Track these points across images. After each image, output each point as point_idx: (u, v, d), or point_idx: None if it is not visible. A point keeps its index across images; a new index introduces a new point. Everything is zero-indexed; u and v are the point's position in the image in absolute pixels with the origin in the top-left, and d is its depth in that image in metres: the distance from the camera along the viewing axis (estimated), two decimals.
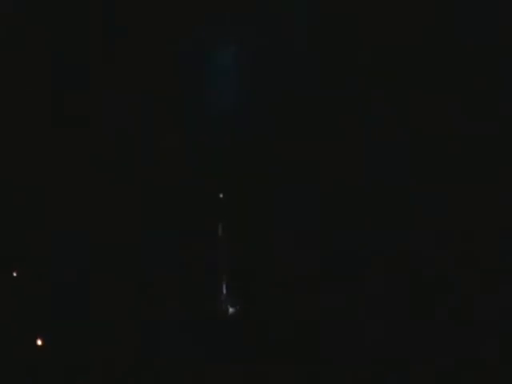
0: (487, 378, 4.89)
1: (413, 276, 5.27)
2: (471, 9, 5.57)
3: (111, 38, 5.76)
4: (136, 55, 5.78)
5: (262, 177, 5.68)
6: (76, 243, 5.57)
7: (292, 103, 5.69)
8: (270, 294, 5.44)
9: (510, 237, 5.25)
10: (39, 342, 5.33)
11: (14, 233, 5.59)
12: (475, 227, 5.32)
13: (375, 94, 5.63)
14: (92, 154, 5.72)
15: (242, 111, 5.77)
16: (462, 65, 5.51)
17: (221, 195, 5.64)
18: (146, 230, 5.50)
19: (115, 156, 5.69)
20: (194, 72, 5.82)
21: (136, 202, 5.64)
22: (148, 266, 5.51)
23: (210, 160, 5.76)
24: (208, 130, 5.80)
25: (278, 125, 5.70)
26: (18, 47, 5.78)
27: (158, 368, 5.31)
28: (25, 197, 5.65)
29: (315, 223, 5.50)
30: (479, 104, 5.50)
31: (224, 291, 5.58)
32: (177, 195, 5.66)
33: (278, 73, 5.77)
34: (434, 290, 5.23)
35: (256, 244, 5.51)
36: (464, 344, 5.01)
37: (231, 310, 5.65)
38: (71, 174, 5.69)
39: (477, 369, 4.92)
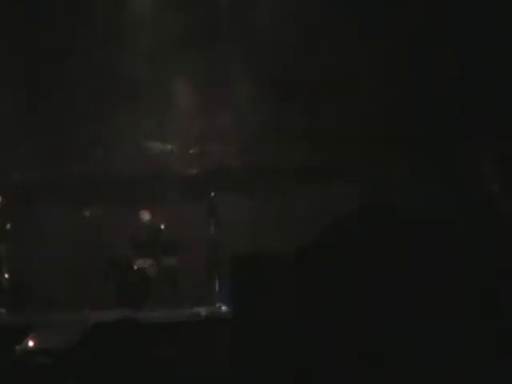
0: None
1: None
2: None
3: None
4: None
5: (258, 177, 5.67)
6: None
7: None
8: (265, 292, 5.40)
9: None
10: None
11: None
12: None
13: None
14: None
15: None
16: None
17: (212, 194, 5.65)
18: (140, 229, 5.48)
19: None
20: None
21: (133, 201, 5.62)
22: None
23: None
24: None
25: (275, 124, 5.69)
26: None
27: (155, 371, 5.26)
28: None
29: (313, 222, 5.49)
30: None
31: (217, 289, 5.56)
32: (171, 194, 5.65)
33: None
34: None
35: (251, 242, 5.50)
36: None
37: (224, 308, 5.60)
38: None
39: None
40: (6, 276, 8.51)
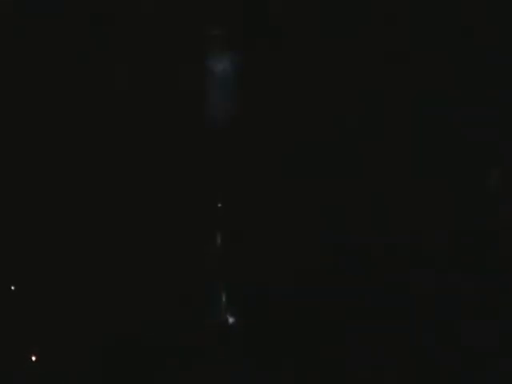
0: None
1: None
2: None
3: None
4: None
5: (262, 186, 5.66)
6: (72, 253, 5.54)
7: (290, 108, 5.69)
8: (270, 302, 5.41)
9: None
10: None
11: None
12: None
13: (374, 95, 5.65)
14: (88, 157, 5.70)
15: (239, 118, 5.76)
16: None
17: (219, 204, 5.61)
18: (143, 240, 5.46)
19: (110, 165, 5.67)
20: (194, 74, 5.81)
21: (136, 211, 5.60)
22: (145, 275, 5.47)
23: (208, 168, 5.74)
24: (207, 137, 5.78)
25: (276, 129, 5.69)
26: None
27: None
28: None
29: (315, 232, 5.49)
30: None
31: (223, 301, 5.54)
32: (175, 203, 5.62)
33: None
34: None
35: (255, 252, 5.48)
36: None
37: (231, 320, 5.59)
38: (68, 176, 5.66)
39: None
40: None
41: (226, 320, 5.42)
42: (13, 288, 5.49)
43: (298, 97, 5.67)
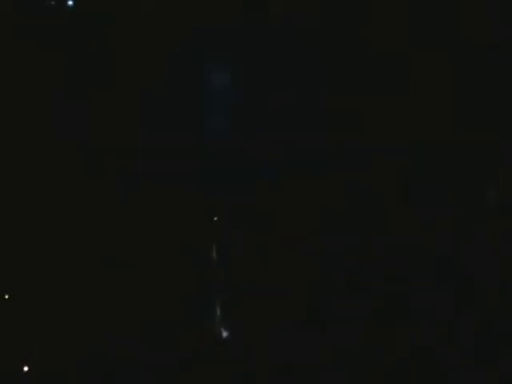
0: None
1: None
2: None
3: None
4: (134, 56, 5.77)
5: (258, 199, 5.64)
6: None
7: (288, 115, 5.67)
8: (265, 315, 5.39)
9: None
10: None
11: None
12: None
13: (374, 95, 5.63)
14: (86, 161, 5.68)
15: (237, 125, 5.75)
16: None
17: (215, 218, 5.60)
18: (141, 251, 5.45)
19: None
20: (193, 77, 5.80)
21: (133, 224, 5.58)
22: (143, 286, 5.46)
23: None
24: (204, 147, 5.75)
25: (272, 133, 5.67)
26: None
27: None
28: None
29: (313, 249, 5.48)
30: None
31: (218, 314, 5.53)
32: (172, 217, 5.61)
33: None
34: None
35: (251, 265, 5.46)
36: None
37: (225, 333, 5.59)
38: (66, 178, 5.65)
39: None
40: None
41: (226, 322, 5.43)
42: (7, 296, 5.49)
43: None
